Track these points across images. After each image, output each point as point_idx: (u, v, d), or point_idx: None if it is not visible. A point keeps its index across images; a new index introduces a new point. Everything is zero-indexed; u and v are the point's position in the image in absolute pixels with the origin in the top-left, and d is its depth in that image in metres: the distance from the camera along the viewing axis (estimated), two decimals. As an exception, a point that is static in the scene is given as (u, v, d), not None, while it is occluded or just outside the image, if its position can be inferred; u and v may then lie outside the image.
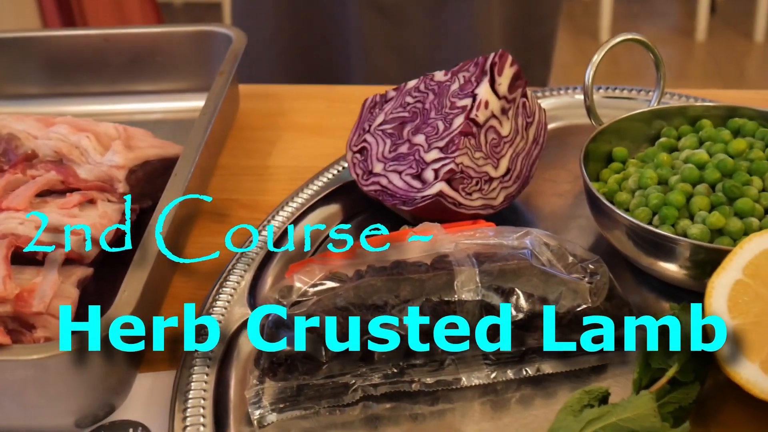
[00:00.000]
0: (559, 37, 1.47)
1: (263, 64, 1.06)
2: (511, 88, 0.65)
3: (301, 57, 1.08)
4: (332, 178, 0.71)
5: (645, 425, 0.48)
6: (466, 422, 0.52)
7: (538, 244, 0.56)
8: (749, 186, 0.58)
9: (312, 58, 1.08)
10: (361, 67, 1.05)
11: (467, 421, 0.52)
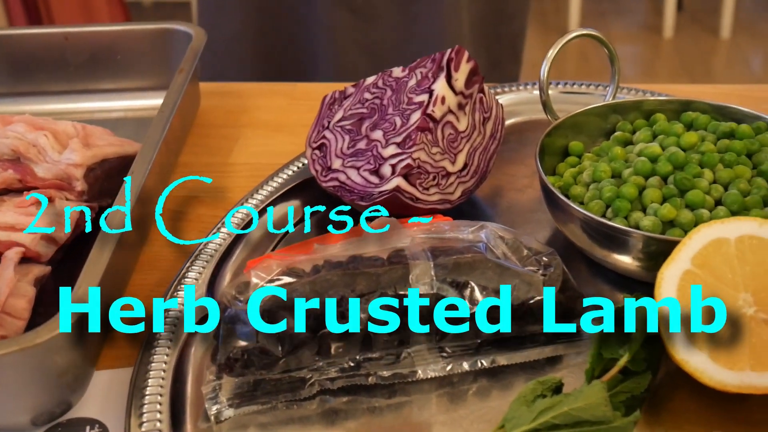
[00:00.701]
0: (529, 34, 1.48)
1: (230, 63, 1.06)
2: (468, 84, 0.66)
3: (267, 55, 1.08)
4: (292, 175, 0.71)
5: (596, 414, 0.48)
6: (424, 415, 0.53)
7: (494, 237, 0.57)
8: (700, 178, 0.59)
9: (279, 56, 1.08)
10: (329, 64, 1.05)
11: (424, 414, 0.53)
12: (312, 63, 1.06)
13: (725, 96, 0.81)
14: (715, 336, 0.50)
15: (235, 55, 1.09)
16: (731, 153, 0.61)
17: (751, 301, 0.50)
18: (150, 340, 0.55)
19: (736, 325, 0.50)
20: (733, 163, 0.61)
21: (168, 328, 0.57)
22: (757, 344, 0.50)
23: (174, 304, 0.58)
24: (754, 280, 0.50)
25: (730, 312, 0.50)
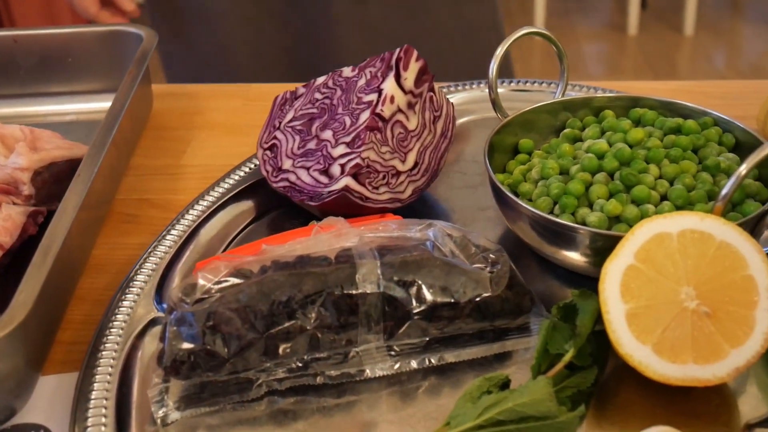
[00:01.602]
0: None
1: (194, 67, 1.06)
2: (418, 83, 0.66)
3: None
4: (244, 176, 0.71)
5: (541, 409, 0.49)
6: (374, 414, 0.53)
7: (441, 235, 0.57)
8: (646, 174, 0.60)
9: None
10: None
11: (374, 413, 0.53)
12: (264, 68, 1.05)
13: (675, 92, 0.82)
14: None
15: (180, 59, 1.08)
16: (677, 148, 0.62)
17: (693, 294, 0.51)
18: (96, 344, 0.55)
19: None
20: (679, 159, 0.61)
21: (115, 331, 0.56)
22: (699, 337, 0.50)
23: (122, 307, 0.58)
24: (695, 273, 0.51)
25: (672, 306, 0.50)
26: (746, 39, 3.24)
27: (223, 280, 0.54)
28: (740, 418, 0.51)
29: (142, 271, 0.61)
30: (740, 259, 0.51)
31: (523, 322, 0.57)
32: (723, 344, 0.50)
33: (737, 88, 0.83)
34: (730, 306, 0.50)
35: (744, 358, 0.50)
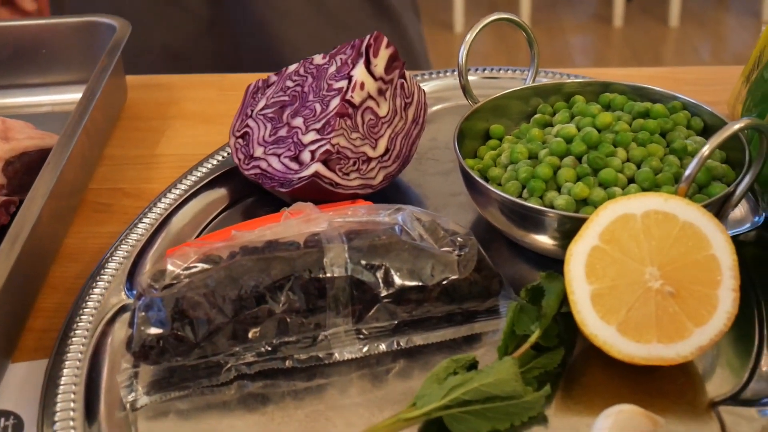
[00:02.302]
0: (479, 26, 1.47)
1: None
2: (388, 70, 0.66)
3: None
4: (217, 164, 0.71)
5: (506, 389, 0.49)
6: (344, 396, 0.53)
7: (410, 220, 0.57)
8: (613, 157, 0.60)
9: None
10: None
11: (345, 396, 0.53)
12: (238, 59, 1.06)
13: (648, 78, 0.82)
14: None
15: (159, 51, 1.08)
16: (645, 132, 0.62)
17: (657, 274, 0.51)
18: (66, 331, 0.55)
19: (642, 298, 0.51)
20: (647, 142, 0.62)
21: (86, 318, 0.56)
22: (663, 317, 0.51)
23: (93, 294, 0.58)
24: (659, 253, 0.51)
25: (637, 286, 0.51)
26: (731, 30, 3.25)
27: (192, 266, 0.55)
28: (705, 396, 0.51)
29: (114, 259, 0.61)
30: (703, 239, 0.52)
31: (492, 304, 0.57)
32: (687, 323, 0.50)
33: (709, 74, 0.83)
34: (694, 285, 0.51)
35: (708, 336, 0.50)
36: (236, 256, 0.55)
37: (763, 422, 0.49)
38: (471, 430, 0.49)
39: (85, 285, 0.59)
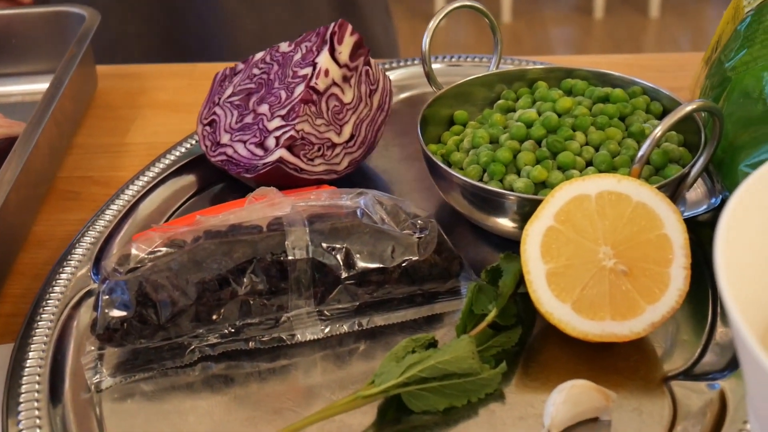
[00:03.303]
0: (463, 18, 1.48)
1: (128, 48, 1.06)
2: (353, 57, 0.67)
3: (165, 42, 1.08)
4: (185, 152, 0.72)
5: (463, 366, 0.50)
6: (307, 377, 0.54)
7: (372, 203, 0.58)
8: (572, 141, 0.61)
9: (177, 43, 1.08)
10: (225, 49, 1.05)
11: (308, 376, 0.54)
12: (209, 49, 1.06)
13: (613, 65, 0.83)
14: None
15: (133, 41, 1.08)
16: (603, 116, 0.63)
17: (610, 253, 0.52)
18: (33, 316, 0.56)
19: (596, 276, 0.52)
20: (605, 126, 0.63)
21: (52, 303, 0.57)
22: (617, 294, 0.52)
23: (60, 279, 0.59)
24: (613, 233, 0.53)
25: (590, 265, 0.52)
26: (711, 21, 3.26)
27: (156, 250, 0.55)
28: (658, 371, 0.52)
29: (81, 245, 0.62)
30: (656, 218, 0.53)
31: (453, 285, 0.58)
32: (639, 301, 0.52)
33: (673, 60, 0.84)
34: (646, 264, 0.52)
35: (659, 313, 0.51)
36: (200, 240, 0.56)
37: (711, 395, 0.50)
38: (428, 406, 0.50)
39: (52, 271, 0.60)
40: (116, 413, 0.51)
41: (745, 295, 0.37)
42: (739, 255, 0.36)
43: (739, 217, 0.37)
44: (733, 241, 0.36)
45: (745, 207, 0.37)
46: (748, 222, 0.37)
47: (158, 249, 0.55)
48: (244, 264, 0.54)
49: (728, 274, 0.34)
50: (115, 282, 0.53)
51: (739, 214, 0.37)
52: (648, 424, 0.49)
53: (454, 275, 0.58)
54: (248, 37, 1.03)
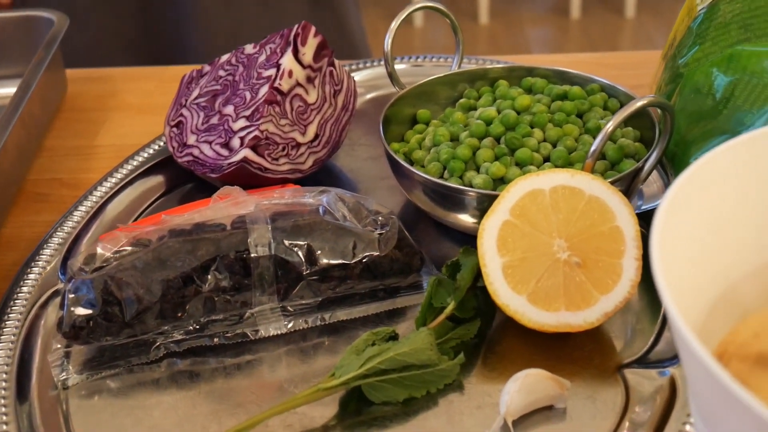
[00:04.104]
0: (441, 19, 1.47)
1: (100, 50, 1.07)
2: (317, 58, 0.68)
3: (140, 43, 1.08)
4: (153, 153, 0.73)
5: (422, 358, 0.51)
6: (272, 372, 0.55)
7: (335, 201, 0.60)
8: (530, 137, 0.63)
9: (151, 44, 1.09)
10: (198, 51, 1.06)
11: (273, 371, 0.55)
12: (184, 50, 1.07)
13: (575, 63, 0.85)
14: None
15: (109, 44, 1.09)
16: (561, 113, 0.65)
17: (564, 246, 0.54)
18: (0, 315, 0.57)
19: (550, 269, 0.53)
20: (563, 123, 0.64)
21: (20, 302, 0.58)
22: (571, 286, 0.53)
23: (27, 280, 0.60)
24: (566, 226, 0.54)
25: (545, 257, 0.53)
26: (686, 20, 3.30)
27: (122, 250, 0.56)
28: (612, 360, 0.54)
29: (49, 246, 0.63)
30: (608, 211, 0.54)
31: (414, 280, 0.59)
32: (593, 291, 0.53)
33: (634, 58, 0.86)
34: (599, 256, 0.53)
35: (612, 303, 0.53)
36: (164, 238, 0.57)
37: (662, 381, 0.52)
38: (388, 397, 0.51)
39: (20, 271, 0.60)
40: (82, 409, 0.52)
41: (682, 286, 0.38)
42: (675, 247, 0.38)
43: (675, 210, 0.38)
44: (669, 234, 0.37)
45: (681, 200, 0.38)
46: (683, 215, 0.39)
47: (124, 248, 0.56)
48: (208, 261, 0.55)
49: (664, 266, 0.35)
50: (81, 281, 0.54)
51: (675, 206, 0.38)
52: (601, 411, 0.51)
53: (415, 270, 0.59)
54: (223, 37, 1.04)
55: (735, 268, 0.43)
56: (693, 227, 0.40)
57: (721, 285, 0.43)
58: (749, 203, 0.43)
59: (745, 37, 0.61)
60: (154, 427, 0.51)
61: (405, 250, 0.59)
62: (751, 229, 0.44)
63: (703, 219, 0.41)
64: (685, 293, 0.39)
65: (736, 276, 0.43)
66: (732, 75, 0.57)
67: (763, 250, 0.44)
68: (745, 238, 0.43)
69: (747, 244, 0.44)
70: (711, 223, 0.41)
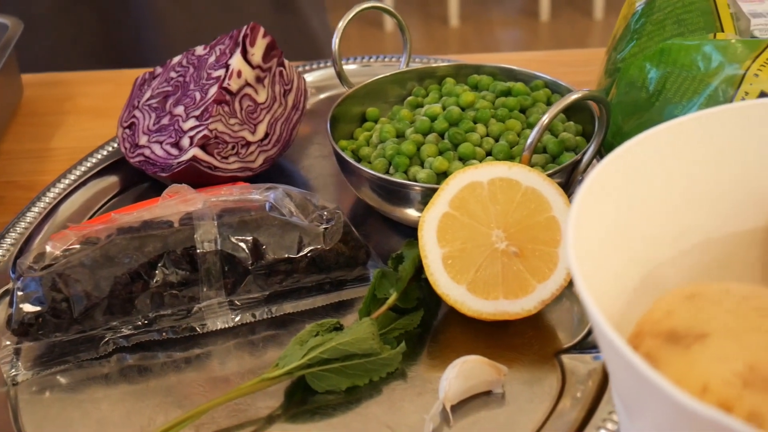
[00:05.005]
0: (412, 23, 1.50)
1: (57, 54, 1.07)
2: (266, 58, 0.69)
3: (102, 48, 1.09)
4: (107, 155, 0.74)
5: (363, 347, 0.53)
6: (221, 365, 0.56)
7: (281, 197, 0.61)
8: (473, 132, 0.64)
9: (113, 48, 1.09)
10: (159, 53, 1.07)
11: (222, 364, 0.56)
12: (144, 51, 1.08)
13: (526, 62, 0.87)
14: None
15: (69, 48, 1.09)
16: (504, 109, 0.66)
17: (502, 236, 0.55)
18: (-50, 315, 0.58)
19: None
20: (505, 118, 0.66)
21: (-29, 302, 0.59)
22: (509, 274, 0.55)
23: (-21, 280, 0.60)
24: (504, 217, 0.56)
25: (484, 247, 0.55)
26: (653, 20, 3.33)
27: (71, 248, 0.57)
28: (551, 346, 0.55)
29: (0, 247, 0.63)
30: (544, 202, 0.56)
31: (361, 273, 0.61)
32: (530, 280, 0.55)
33: (584, 55, 0.88)
34: (536, 245, 0.55)
35: (549, 291, 0.54)
36: (112, 236, 0.58)
37: (595, 365, 0.53)
38: (331, 386, 0.52)
39: (-29, 271, 0.61)
40: (32, 405, 0.53)
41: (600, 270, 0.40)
42: (592, 234, 0.39)
43: (593, 198, 0.39)
44: (586, 221, 0.38)
45: (598, 188, 0.40)
46: (602, 202, 0.40)
47: (73, 246, 0.57)
48: (156, 258, 0.56)
49: (578, 252, 0.36)
50: (30, 278, 0.55)
51: (593, 194, 0.39)
52: (538, 395, 0.52)
53: (361, 263, 0.60)
54: (183, 40, 1.05)
55: (657, 253, 0.45)
56: (612, 214, 0.42)
57: (643, 269, 0.44)
58: (669, 190, 0.45)
59: (679, 32, 0.63)
60: (102, 420, 0.52)
61: (350, 243, 0.60)
62: (672, 214, 0.45)
63: (623, 206, 0.42)
64: (603, 278, 0.40)
65: (659, 260, 0.45)
66: (663, 68, 0.59)
67: (684, 235, 0.46)
68: (666, 223, 0.45)
69: (668, 230, 0.45)
70: (631, 210, 0.43)
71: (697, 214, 0.46)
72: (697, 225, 0.46)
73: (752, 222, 0.47)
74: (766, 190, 0.46)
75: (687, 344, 0.36)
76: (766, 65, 0.53)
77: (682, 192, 0.45)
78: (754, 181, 0.46)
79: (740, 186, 0.46)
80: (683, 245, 0.46)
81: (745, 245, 0.47)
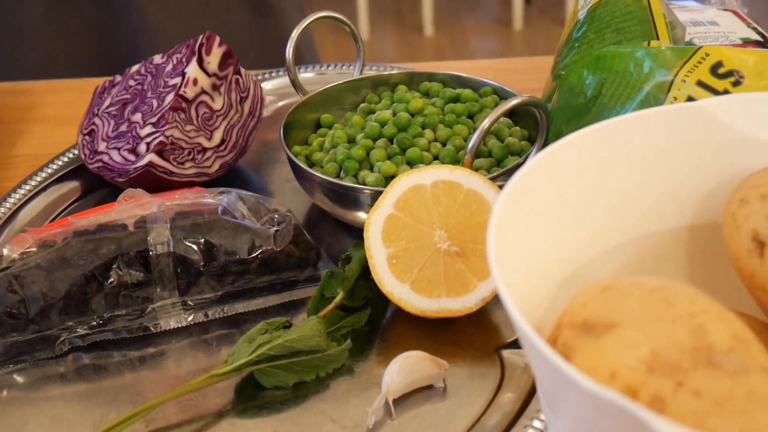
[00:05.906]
0: (388, 32, 1.52)
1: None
2: (222, 66, 0.71)
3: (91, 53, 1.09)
4: (67, 161, 0.75)
5: (310, 344, 0.55)
6: (175, 364, 0.58)
7: (234, 201, 0.63)
8: (420, 138, 0.67)
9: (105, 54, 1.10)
10: None
11: (175, 363, 0.58)
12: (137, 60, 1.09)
13: (480, 70, 0.89)
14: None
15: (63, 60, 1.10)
16: (452, 115, 0.69)
17: (444, 237, 0.57)
18: None
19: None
20: (453, 123, 0.68)
21: (-70, 305, 0.60)
22: (451, 273, 0.57)
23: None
24: (446, 218, 0.58)
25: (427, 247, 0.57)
26: (625, 29, 3.38)
27: (28, 251, 0.59)
28: (491, 342, 0.58)
29: (-39, 251, 0.65)
30: (485, 203, 0.58)
31: (311, 274, 0.63)
32: (471, 278, 0.57)
33: (537, 63, 0.91)
34: (477, 245, 0.57)
35: (489, 289, 0.57)
36: (68, 239, 0.59)
37: (532, 359, 0.55)
38: (279, 382, 0.54)
39: (-69, 275, 0.63)
40: (-12, 403, 0.55)
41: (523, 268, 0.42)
42: (517, 232, 0.41)
43: (517, 198, 0.41)
44: (510, 220, 0.40)
45: (522, 188, 0.42)
46: (527, 202, 0.42)
47: (30, 249, 0.59)
48: (110, 260, 0.58)
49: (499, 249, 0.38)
50: (-14, 281, 0.57)
51: (517, 195, 0.41)
52: (478, 388, 0.54)
53: (311, 264, 0.62)
54: (172, 46, 1.06)
55: (584, 250, 0.47)
56: (538, 213, 0.44)
57: (569, 267, 0.46)
58: (596, 189, 0.47)
59: (617, 40, 0.65)
60: (55, 417, 0.54)
61: (301, 245, 0.62)
62: (599, 213, 0.47)
63: (549, 205, 0.45)
64: (529, 275, 0.43)
65: (586, 257, 0.47)
66: (600, 75, 0.61)
67: (611, 233, 0.48)
68: (593, 221, 0.47)
69: (596, 228, 0.47)
70: (556, 210, 0.45)
71: (622, 214, 0.48)
72: (622, 224, 0.48)
73: (675, 221, 0.49)
74: (687, 189, 0.49)
75: (598, 333, 0.38)
76: (693, 71, 0.56)
77: (606, 192, 0.47)
78: (677, 181, 0.49)
79: (663, 186, 0.48)
80: (608, 244, 0.48)
81: (668, 243, 0.49)
